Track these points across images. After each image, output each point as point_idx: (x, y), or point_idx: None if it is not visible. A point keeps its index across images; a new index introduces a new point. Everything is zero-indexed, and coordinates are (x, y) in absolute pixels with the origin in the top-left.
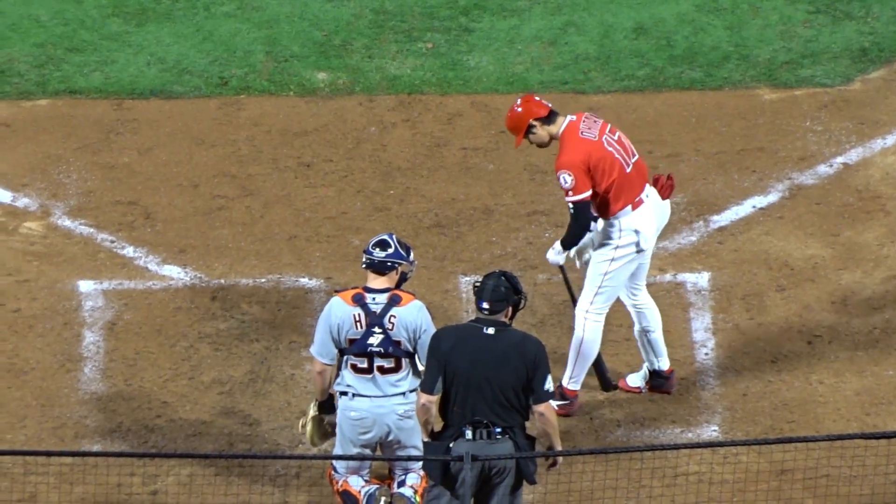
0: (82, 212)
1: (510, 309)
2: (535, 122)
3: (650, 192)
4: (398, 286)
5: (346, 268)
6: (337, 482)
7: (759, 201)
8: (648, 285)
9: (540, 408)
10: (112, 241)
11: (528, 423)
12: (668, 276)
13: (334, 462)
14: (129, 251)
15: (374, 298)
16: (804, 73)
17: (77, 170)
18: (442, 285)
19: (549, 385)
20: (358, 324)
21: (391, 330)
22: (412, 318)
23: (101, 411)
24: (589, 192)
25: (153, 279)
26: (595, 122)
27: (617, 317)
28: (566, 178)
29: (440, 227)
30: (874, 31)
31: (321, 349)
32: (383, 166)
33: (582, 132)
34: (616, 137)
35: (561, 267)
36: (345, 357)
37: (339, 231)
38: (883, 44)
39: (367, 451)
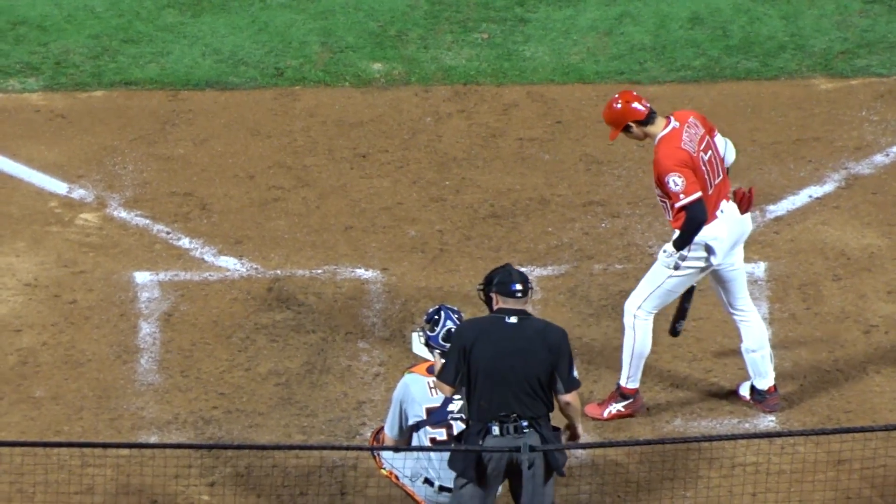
0: (138, 203)
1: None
2: (632, 123)
3: (726, 208)
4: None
5: (402, 258)
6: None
7: (816, 191)
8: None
9: (567, 397)
10: (168, 233)
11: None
12: None
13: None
14: (184, 242)
15: None
16: (860, 63)
17: (133, 161)
18: None
19: (576, 373)
20: (434, 391)
21: None
22: None
23: (157, 402)
24: (699, 193)
25: (209, 270)
26: (696, 133)
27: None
28: (676, 181)
29: (496, 217)
30: None
31: (391, 424)
32: (439, 157)
33: (684, 143)
34: (708, 157)
35: (691, 287)
36: (420, 431)
37: (394, 221)
38: None
39: None
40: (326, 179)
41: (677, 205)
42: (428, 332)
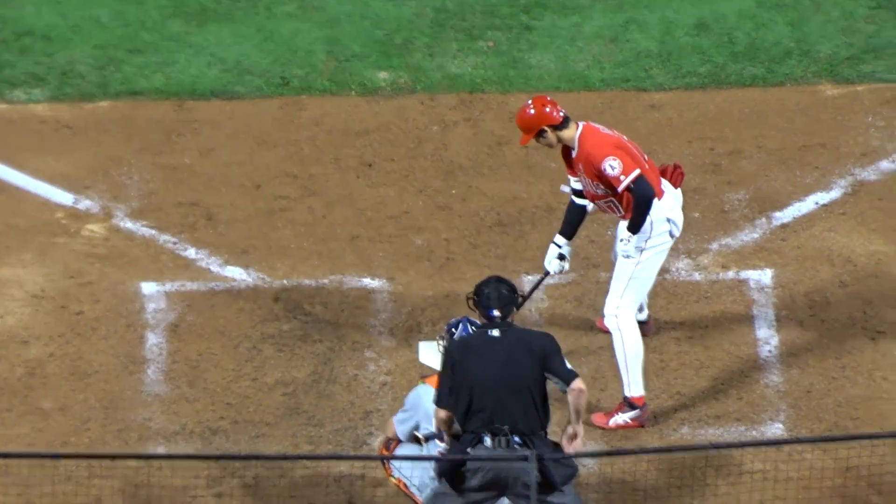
0: (144, 213)
1: (514, 311)
2: (547, 128)
3: (665, 185)
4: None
5: (408, 267)
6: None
7: (822, 197)
8: (712, 282)
9: (575, 384)
10: (174, 243)
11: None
12: (730, 274)
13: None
14: (191, 252)
15: None
16: (866, 69)
17: (139, 171)
18: None
19: (570, 365)
20: None
21: None
22: None
23: (164, 413)
24: (638, 170)
25: (215, 280)
26: (606, 128)
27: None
28: (612, 165)
29: (502, 225)
30: None
31: (403, 429)
32: (445, 165)
33: (602, 129)
34: (627, 139)
35: (546, 274)
36: (430, 444)
37: (401, 230)
38: None
39: None
40: (332, 188)
41: (620, 188)
42: (445, 343)
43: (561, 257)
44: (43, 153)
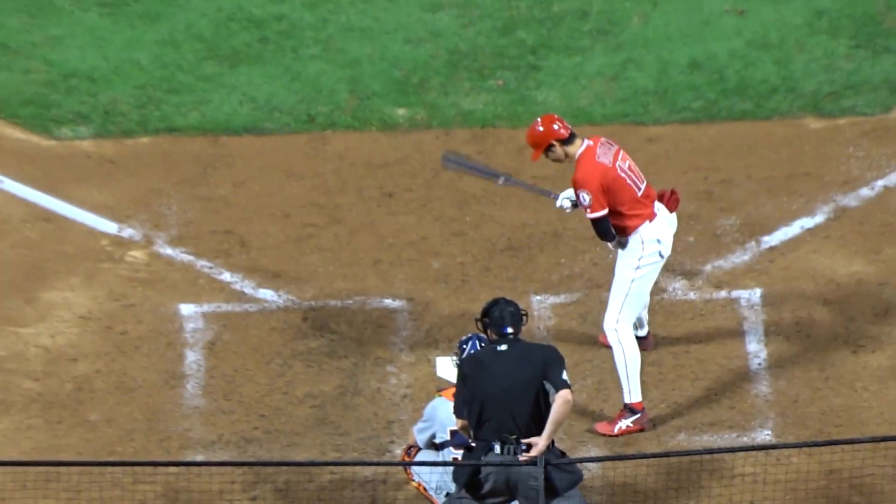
0: (182, 241)
1: (522, 327)
2: (555, 142)
3: (659, 208)
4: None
5: (426, 289)
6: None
7: (807, 222)
8: (706, 301)
9: (563, 393)
10: (210, 268)
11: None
12: (723, 293)
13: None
14: (226, 277)
15: None
16: (847, 104)
17: (177, 202)
18: None
19: (566, 376)
20: None
21: None
22: None
23: (203, 424)
24: (605, 211)
25: (249, 302)
26: (610, 147)
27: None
28: (585, 197)
29: (513, 249)
30: None
31: (423, 438)
32: (459, 195)
33: (598, 156)
34: (627, 165)
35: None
36: (444, 451)
37: (419, 255)
38: None
39: None
40: (356, 217)
41: (587, 216)
42: (457, 359)
43: (574, 204)
44: (88, 186)
